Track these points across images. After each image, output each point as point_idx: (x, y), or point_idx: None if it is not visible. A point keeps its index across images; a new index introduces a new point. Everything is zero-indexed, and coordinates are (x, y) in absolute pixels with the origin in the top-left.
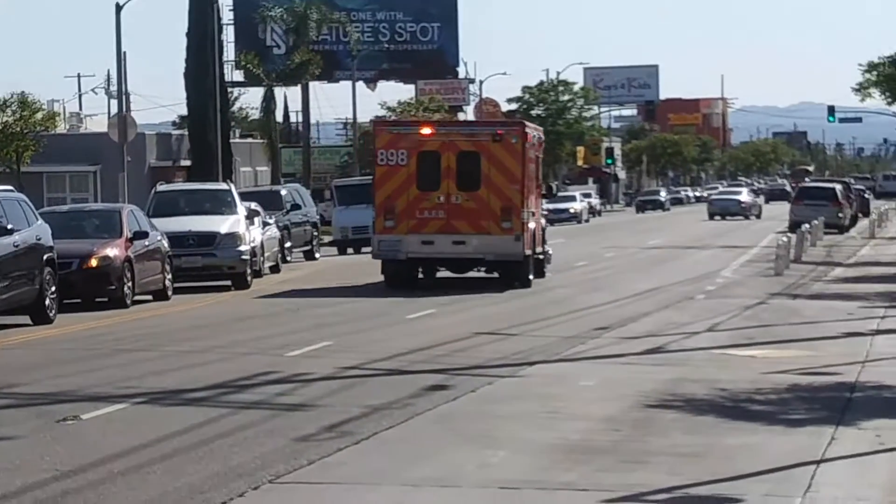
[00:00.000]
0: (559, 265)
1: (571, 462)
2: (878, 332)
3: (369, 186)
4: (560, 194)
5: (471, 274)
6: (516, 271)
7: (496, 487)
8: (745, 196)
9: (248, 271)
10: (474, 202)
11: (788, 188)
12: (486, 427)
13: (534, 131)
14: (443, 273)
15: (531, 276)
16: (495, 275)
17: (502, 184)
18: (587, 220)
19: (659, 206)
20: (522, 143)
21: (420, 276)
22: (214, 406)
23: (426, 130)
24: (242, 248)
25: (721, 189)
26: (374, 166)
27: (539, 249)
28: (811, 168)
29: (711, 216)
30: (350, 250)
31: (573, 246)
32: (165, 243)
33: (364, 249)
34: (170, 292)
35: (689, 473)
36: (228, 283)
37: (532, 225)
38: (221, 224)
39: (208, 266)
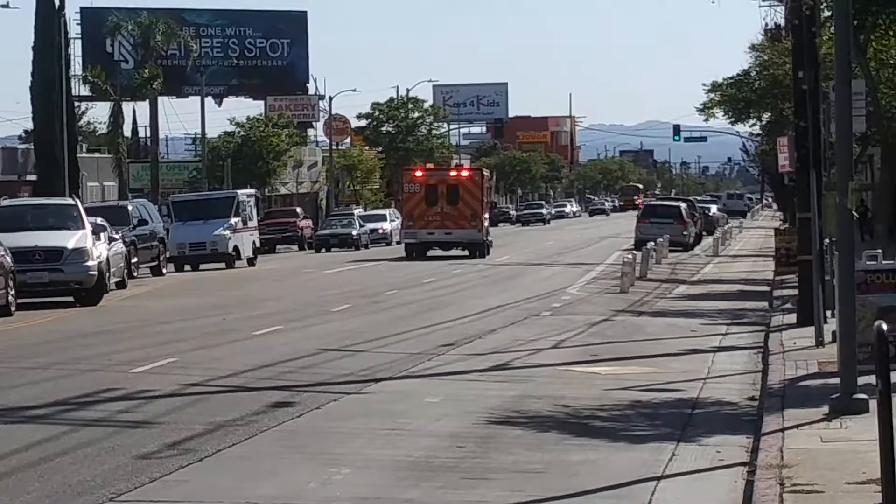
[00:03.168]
0: (406, 282)
1: (415, 479)
2: (720, 349)
3: (209, 202)
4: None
5: (452, 252)
6: (479, 249)
7: None
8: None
9: (96, 286)
10: (456, 211)
11: (608, 206)
12: (331, 444)
13: (487, 172)
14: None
15: (486, 253)
16: (466, 252)
17: (471, 201)
18: (399, 242)
19: None
20: (482, 179)
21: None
22: (55, 423)
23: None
24: (90, 263)
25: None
26: (404, 193)
27: (489, 238)
28: (641, 186)
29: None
30: (188, 267)
31: (419, 262)
32: (9, 258)
33: (203, 266)
34: (13, 308)
35: (530, 490)
36: (73, 298)
37: (486, 224)
38: (68, 239)
39: (55, 281)
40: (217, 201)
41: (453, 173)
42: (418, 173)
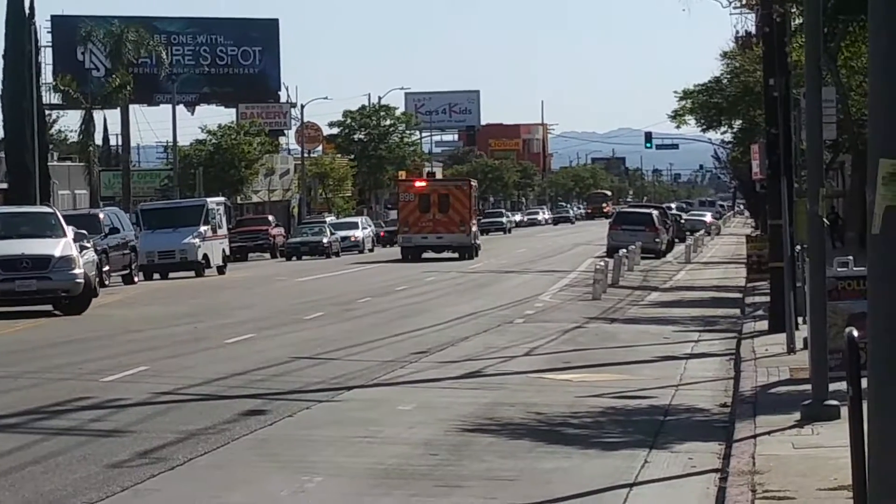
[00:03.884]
0: (379, 289)
1: (387, 487)
2: (692, 355)
3: (178, 210)
4: (343, 220)
5: (443, 254)
6: (468, 251)
7: None
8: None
9: (82, 295)
10: (447, 217)
11: (572, 214)
12: (303, 452)
13: (474, 183)
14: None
15: (474, 256)
16: (456, 255)
17: (460, 209)
18: (371, 250)
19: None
20: (469, 189)
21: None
22: (26, 432)
23: (421, 184)
24: (77, 271)
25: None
26: (399, 202)
27: (477, 242)
28: (609, 193)
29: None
30: (157, 276)
31: (392, 269)
32: None
33: (172, 275)
34: None
35: (503, 497)
36: (52, 307)
37: (474, 228)
38: (54, 247)
39: (43, 290)
40: (186, 209)
41: (443, 183)
42: (420, 184)
